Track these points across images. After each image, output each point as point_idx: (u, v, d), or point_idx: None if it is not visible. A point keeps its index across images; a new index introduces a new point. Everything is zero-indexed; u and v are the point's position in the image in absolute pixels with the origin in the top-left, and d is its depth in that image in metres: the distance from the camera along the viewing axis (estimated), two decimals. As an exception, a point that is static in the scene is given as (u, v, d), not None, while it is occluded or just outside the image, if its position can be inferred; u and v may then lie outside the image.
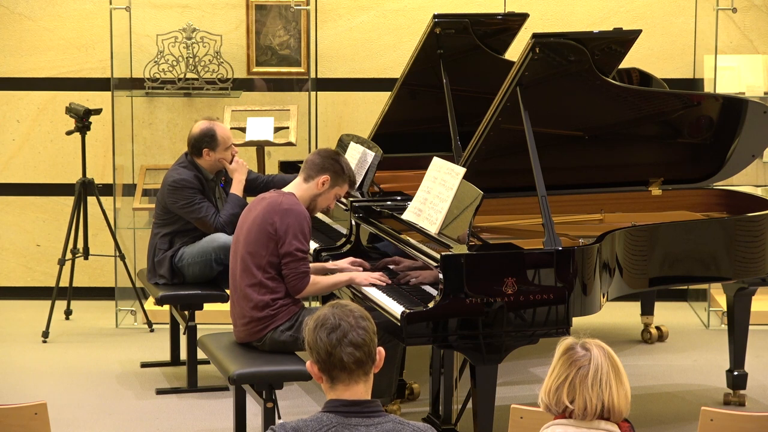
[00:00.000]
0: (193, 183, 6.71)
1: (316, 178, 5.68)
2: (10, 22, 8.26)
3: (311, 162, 5.72)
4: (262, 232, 5.54)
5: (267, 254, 5.53)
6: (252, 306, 5.57)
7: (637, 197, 6.43)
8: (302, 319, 5.55)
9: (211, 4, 8.20)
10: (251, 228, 5.59)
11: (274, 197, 5.63)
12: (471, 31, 6.73)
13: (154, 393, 6.67)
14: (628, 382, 3.43)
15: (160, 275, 6.75)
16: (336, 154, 5.79)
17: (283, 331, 5.57)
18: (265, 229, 5.53)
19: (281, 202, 5.57)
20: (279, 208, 5.54)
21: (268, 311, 5.56)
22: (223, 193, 6.88)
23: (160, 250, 6.78)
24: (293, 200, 5.61)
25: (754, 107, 6.39)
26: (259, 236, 5.55)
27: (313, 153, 5.81)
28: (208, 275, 6.73)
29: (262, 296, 5.55)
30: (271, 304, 5.56)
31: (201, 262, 6.69)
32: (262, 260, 5.54)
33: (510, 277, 5.19)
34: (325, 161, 5.70)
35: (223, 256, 6.61)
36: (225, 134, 6.81)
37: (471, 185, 5.42)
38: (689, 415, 6.30)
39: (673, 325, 7.80)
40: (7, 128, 8.36)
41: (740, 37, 8.26)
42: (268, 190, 5.78)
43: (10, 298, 8.42)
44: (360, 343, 3.19)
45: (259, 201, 5.69)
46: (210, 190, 6.81)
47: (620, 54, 5.85)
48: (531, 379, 6.86)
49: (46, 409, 4.31)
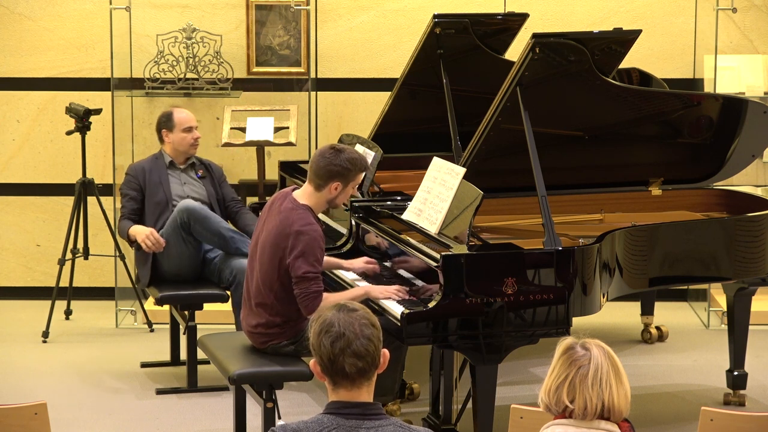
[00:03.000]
0: (135, 170, 6.90)
1: (327, 186, 5.46)
2: (10, 22, 8.26)
3: (317, 170, 5.45)
4: (274, 253, 5.42)
5: (278, 276, 5.43)
6: (261, 323, 5.54)
7: (637, 197, 6.43)
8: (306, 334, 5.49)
9: (211, 4, 8.20)
10: (264, 245, 5.47)
11: (287, 213, 5.42)
12: (471, 31, 6.73)
13: (154, 393, 6.67)
14: (628, 382, 3.43)
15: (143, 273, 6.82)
16: (337, 153, 5.47)
17: (286, 345, 5.55)
18: (277, 251, 5.41)
19: (293, 222, 5.38)
20: (291, 230, 5.37)
21: (277, 329, 5.52)
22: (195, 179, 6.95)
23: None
24: (306, 218, 5.40)
25: (754, 107, 6.39)
26: (272, 257, 5.43)
27: (316, 158, 5.51)
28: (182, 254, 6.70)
29: (272, 317, 5.50)
30: (281, 324, 5.50)
31: (172, 233, 6.67)
32: (274, 282, 5.44)
33: (510, 277, 5.19)
34: (330, 167, 5.43)
35: (186, 218, 6.64)
36: (182, 116, 6.97)
37: (471, 185, 5.42)
38: (689, 415, 6.30)
39: (673, 325, 7.80)
40: (7, 128, 8.36)
41: (740, 37, 8.26)
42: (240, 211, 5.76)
43: (10, 298, 8.42)
44: (363, 354, 3.17)
45: (275, 213, 5.49)
46: (174, 175, 6.92)
47: (620, 54, 5.85)
48: (531, 379, 6.86)
49: (46, 409, 4.31)
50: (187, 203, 6.69)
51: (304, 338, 5.49)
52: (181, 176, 6.95)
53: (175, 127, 6.93)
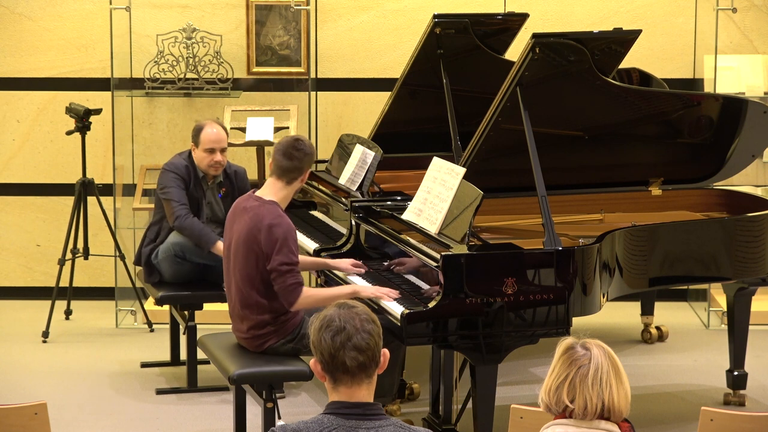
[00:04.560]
0: (179, 170, 6.72)
1: (300, 177, 5.54)
2: (10, 22, 8.26)
3: (287, 166, 5.50)
4: (249, 251, 5.45)
5: (257, 273, 5.44)
6: (251, 326, 5.53)
7: (637, 197, 6.43)
8: (304, 331, 5.51)
9: (211, 4, 8.20)
10: (238, 246, 5.50)
11: (255, 210, 5.47)
12: (471, 31, 6.73)
13: (154, 393, 6.67)
14: (628, 382, 3.43)
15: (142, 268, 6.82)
16: (301, 144, 5.55)
17: (284, 344, 5.55)
18: (252, 248, 5.43)
19: (263, 217, 5.42)
20: (262, 225, 5.40)
21: (269, 328, 5.52)
22: (217, 200, 6.84)
23: (147, 238, 6.81)
24: (275, 211, 5.45)
25: (754, 107, 6.39)
26: (247, 256, 5.46)
27: (280, 154, 5.53)
28: (178, 272, 6.71)
29: (261, 315, 5.50)
30: (272, 321, 5.51)
31: (166, 258, 6.71)
32: (255, 280, 5.46)
33: (510, 277, 5.19)
34: (303, 161, 5.50)
35: (180, 251, 6.63)
36: (209, 137, 6.71)
37: (471, 185, 5.42)
38: (689, 415, 6.30)
39: (673, 325, 7.80)
40: (7, 128, 8.36)
41: (740, 37, 8.26)
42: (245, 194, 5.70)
43: (10, 298, 8.42)
44: (364, 348, 3.18)
45: (240, 212, 5.55)
46: (199, 188, 6.79)
47: (620, 54, 5.85)
48: (531, 379, 6.86)
49: (46, 409, 4.31)
50: (180, 239, 6.64)
51: (301, 335, 5.50)
52: (207, 194, 6.84)
53: (200, 144, 6.73)
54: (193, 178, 6.75)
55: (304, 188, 6.77)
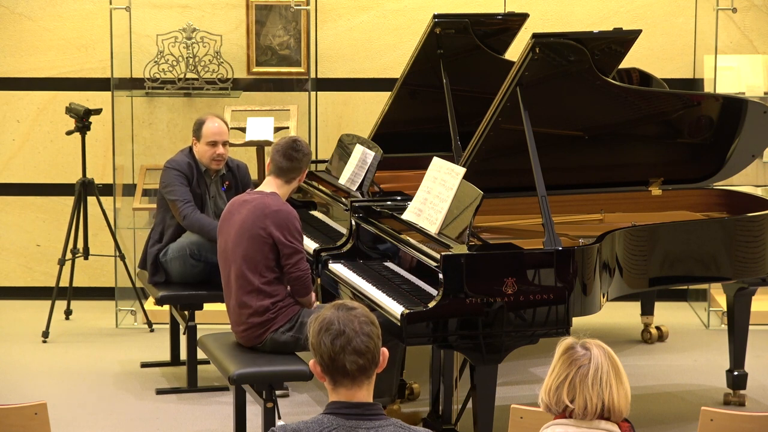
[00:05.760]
0: (181, 167, 6.72)
1: (298, 177, 5.71)
2: (10, 22, 8.26)
3: (287, 166, 5.66)
4: (255, 237, 5.51)
5: (263, 258, 5.52)
6: (251, 313, 5.56)
7: (637, 197, 6.43)
8: (302, 319, 5.55)
9: (211, 4, 8.20)
10: (240, 235, 5.55)
11: (258, 200, 5.59)
12: (471, 31, 6.73)
13: (154, 393, 6.67)
14: (628, 382, 3.43)
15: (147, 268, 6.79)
16: (297, 146, 5.70)
17: (283, 332, 5.57)
18: (258, 234, 5.50)
19: (268, 204, 5.55)
20: (268, 211, 5.53)
21: (269, 315, 5.56)
22: (221, 194, 6.85)
23: (151, 240, 6.80)
24: (279, 200, 5.61)
25: (754, 107, 6.39)
26: (252, 242, 5.52)
27: (279, 154, 5.67)
28: (188, 272, 6.71)
29: (261, 301, 5.55)
30: (271, 308, 5.56)
31: (179, 257, 6.69)
32: (259, 265, 5.53)
33: (510, 277, 5.19)
34: (302, 161, 5.68)
35: (197, 251, 6.63)
36: (211, 129, 6.73)
37: (471, 185, 5.42)
38: (689, 415, 6.30)
39: (673, 325, 7.80)
40: (7, 128, 8.36)
41: (740, 37, 8.26)
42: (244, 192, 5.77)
43: (10, 298, 8.41)
44: (363, 351, 3.17)
45: (240, 205, 5.64)
46: (203, 183, 6.78)
47: (620, 54, 5.85)
48: (531, 379, 6.86)
49: (46, 409, 4.31)
50: (199, 238, 6.64)
51: (300, 323, 5.53)
52: (210, 188, 6.85)
53: (202, 137, 6.75)
54: (196, 173, 6.76)
55: (304, 188, 6.79)
